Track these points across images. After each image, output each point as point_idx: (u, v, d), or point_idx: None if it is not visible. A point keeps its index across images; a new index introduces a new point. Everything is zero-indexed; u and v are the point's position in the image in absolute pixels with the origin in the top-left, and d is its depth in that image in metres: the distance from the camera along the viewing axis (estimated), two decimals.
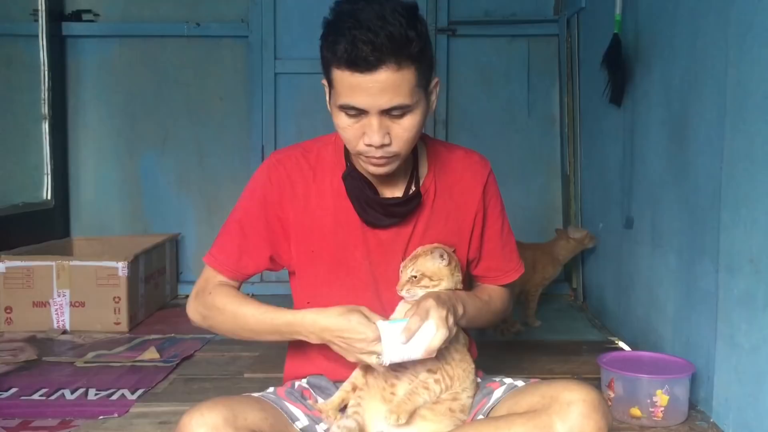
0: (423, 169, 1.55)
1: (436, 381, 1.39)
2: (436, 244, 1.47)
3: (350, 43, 1.26)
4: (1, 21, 3.62)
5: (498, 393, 1.46)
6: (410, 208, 1.51)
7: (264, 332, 1.47)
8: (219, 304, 1.51)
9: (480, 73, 3.89)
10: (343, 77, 1.30)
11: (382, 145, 1.34)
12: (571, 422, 1.27)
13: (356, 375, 1.48)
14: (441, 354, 1.40)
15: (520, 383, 1.48)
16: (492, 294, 1.66)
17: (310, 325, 1.40)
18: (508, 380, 1.51)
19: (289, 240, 1.53)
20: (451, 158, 1.58)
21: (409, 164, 1.52)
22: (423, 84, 1.35)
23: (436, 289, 1.44)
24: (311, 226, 1.51)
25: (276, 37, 3.87)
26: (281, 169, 1.52)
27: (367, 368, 1.46)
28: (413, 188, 1.52)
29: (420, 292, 1.43)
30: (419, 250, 1.47)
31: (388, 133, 1.34)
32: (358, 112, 1.33)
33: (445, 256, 1.44)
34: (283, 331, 1.45)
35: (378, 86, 1.29)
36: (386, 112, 1.32)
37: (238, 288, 1.58)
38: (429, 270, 1.44)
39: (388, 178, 1.50)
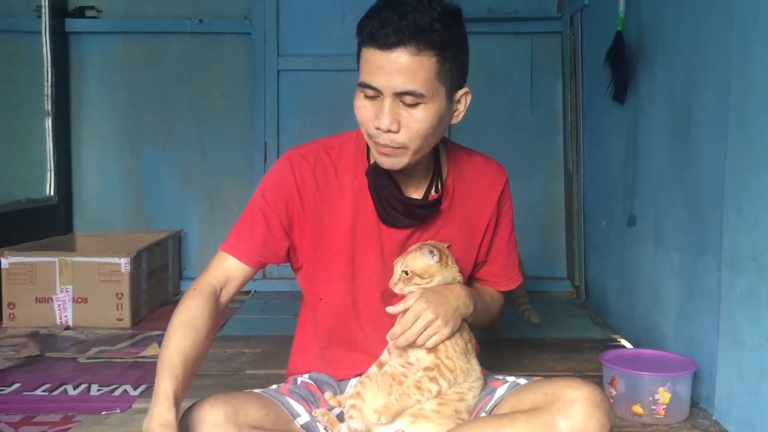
0: (443, 173, 1.55)
1: (432, 379, 1.39)
2: (428, 241, 1.47)
3: (377, 20, 1.30)
4: (4, 17, 3.62)
5: (501, 391, 1.46)
6: (430, 212, 1.51)
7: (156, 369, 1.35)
8: (176, 311, 1.44)
9: (483, 70, 3.88)
10: (367, 55, 1.33)
11: (390, 131, 1.35)
12: (573, 420, 1.28)
13: (373, 370, 1.48)
14: (438, 350, 1.41)
15: (522, 381, 1.48)
16: (494, 297, 1.69)
17: (157, 399, 1.26)
18: (510, 378, 1.51)
19: (304, 235, 1.52)
20: (470, 163, 1.59)
21: (430, 166, 1.53)
22: (444, 81, 1.35)
23: (429, 286, 1.44)
24: (329, 222, 1.51)
25: (279, 34, 3.87)
26: (305, 164, 1.50)
27: (381, 363, 1.48)
28: (433, 192, 1.52)
29: (413, 289, 1.44)
30: (412, 247, 1.47)
31: (399, 121, 1.34)
32: (375, 94, 1.34)
33: (435, 253, 1.43)
34: (155, 382, 1.31)
35: (395, 66, 1.30)
36: (400, 98, 1.33)
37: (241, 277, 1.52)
38: (418, 268, 1.43)
39: (410, 178, 1.50)
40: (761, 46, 1.74)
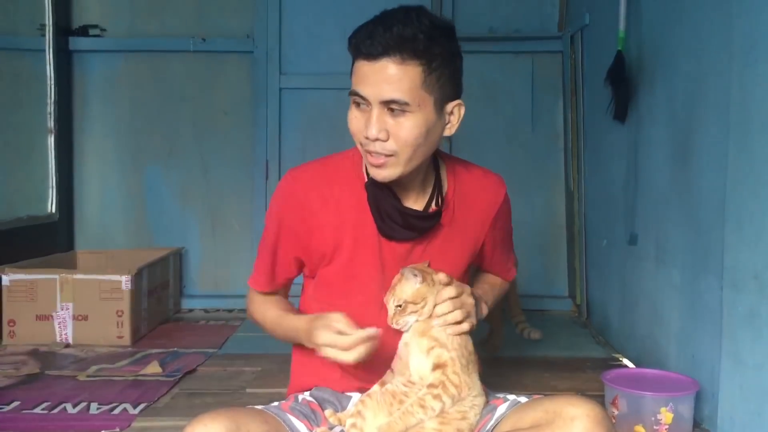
0: (444, 187, 1.58)
1: (435, 397, 1.38)
2: (408, 267, 1.46)
3: (365, 32, 1.37)
4: (8, 35, 3.65)
5: (501, 409, 1.46)
6: (429, 225, 1.54)
7: (285, 337, 1.61)
8: (258, 316, 1.68)
9: (484, 89, 3.90)
10: (357, 66, 1.40)
11: (378, 139, 1.39)
12: None
13: (375, 389, 1.48)
14: (446, 365, 1.41)
15: (523, 399, 1.48)
16: (495, 281, 1.81)
17: (303, 330, 1.50)
18: (511, 397, 1.51)
19: (311, 251, 1.57)
20: (469, 177, 1.63)
21: (429, 179, 1.56)
22: (431, 91, 1.38)
23: (425, 309, 1.43)
24: (330, 237, 1.54)
25: (281, 52, 3.89)
26: (297, 186, 1.55)
27: (384, 382, 1.48)
28: (433, 205, 1.55)
29: (410, 319, 1.43)
30: (394, 279, 1.47)
31: (386, 130, 1.39)
32: (365, 104, 1.39)
33: (417, 273, 1.42)
34: (292, 336, 1.58)
35: (381, 76, 1.36)
36: (386, 106, 1.37)
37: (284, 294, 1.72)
38: (408, 295, 1.43)
39: (409, 191, 1.53)
40: (761, 67, 1.75)
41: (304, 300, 1.67)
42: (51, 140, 3.68)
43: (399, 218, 1.50)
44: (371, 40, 1.35)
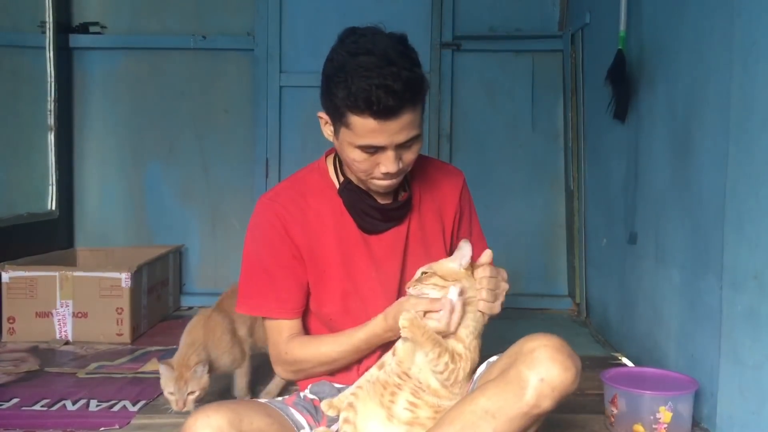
0: (408, 177, 1.65)
1: (446, 364, 1.39)
2: (466, 240, 1.49)
3: (371, 92, 1.34)
4: (8, 33, 3.64)
5: (478, 372, 1.50)
6: (404, 212, 1.62)
7: (348, 358, 1.56)
8: (300, 359, 1.59)
9: (485, 88, 3.90)
10: (365, 123, 1.38)
11: (397, 171, 1.46)
12: (537, 367, 1.29)
13: (373, 372, 1.49)
14: (460, 357, 1.42)
15: (495, 359, 1.50)
16: None
17: (382, 325, 1.49)
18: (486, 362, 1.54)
19: (306, 265, 1.60)
20: (428, 168, 1.72)
21: None
22: (423, 109, 1.46)
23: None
24: (317, 247, 1.59)
25: (281, 50, 3.89)
26: (277, 206, 1.60)
27: (383, 364, 1.50)
28: (402, 193, 1.63)
29: (427, 291, 1.43)
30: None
31: (401, 159, 1.46)
32: (376, 149, 1.43)
33: (467, 263, 1.45)
34: (363, 348, 1.54)
35: (399, 126, 1.39)
36: (401, 144, 1.43)
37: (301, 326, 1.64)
38: (442, 268, 1.45)
39: None
40: (761, 66, 1.75)
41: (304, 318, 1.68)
42: (51, 137, 3.68)
43: (378, 214, 1.58)
44: (387, 102, 1.34)
